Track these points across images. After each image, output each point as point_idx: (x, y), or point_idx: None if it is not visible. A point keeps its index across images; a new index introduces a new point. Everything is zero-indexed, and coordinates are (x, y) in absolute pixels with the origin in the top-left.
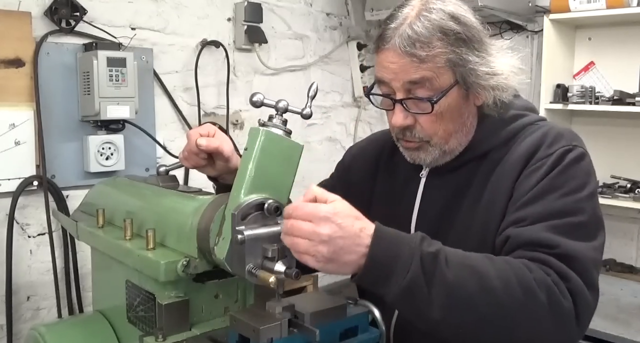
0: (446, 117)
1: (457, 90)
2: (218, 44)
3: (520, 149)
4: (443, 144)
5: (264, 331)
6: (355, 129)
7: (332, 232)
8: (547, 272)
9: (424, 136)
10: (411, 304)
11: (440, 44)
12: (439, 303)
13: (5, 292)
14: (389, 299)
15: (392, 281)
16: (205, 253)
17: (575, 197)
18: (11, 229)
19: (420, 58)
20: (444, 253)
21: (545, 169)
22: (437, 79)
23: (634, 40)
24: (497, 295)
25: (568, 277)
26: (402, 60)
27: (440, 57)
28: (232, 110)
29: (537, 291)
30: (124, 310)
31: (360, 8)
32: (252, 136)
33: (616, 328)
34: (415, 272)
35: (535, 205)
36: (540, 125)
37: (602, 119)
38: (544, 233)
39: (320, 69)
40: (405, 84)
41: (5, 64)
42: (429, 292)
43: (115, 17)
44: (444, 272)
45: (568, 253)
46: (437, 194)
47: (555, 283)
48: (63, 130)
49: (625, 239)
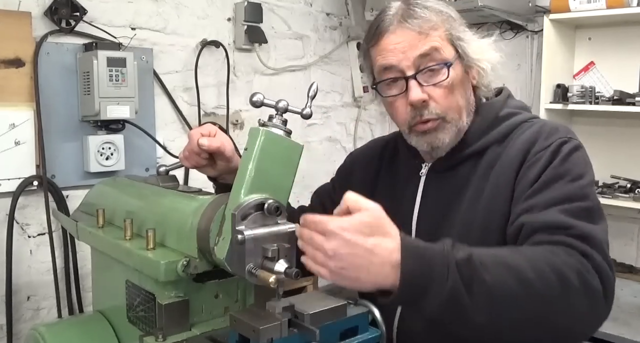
0: (456, 90)
1: (459, 65)
2: (218, 44)
3: (517, 144)
4: (457, 120)
5: (264, 331)
6: (355, 129)
7: (337, 247)
8: (570, 254)
9: (440, 112)
10: (453, 313)
11: (438, 18)
12: (482, 307)
13: (5, 292)
14: (429, 313)
15: (431, 295)
16: (205, 253)
17: (579, 183)
18: (11, 229)
19: (425, 30)
20: (477, 256)
21: (545, 160)
22: (443, 50)
23: (634, 40)
24: (535, 286)
25: (591, 256)
26: (408, 37)
27: (441, 29)
28: (232, 110)
29: (569, 275)
30: (124, 310)
31: (360, 8)
32: (252, 136)
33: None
34: (454, 281)
35: (543, 193)
36: (535, 122)
37: (602, 119)
38: (558, 216)
39: (320, 69)
40: (416, 59)
41: (5, 64)
42: (471, 298)
43: (115, 17)
44: (482, 276)
45: (584, 233)
46: (437, 192)
47: (580, 263)
48: (63, 130)
49: (625, 239)
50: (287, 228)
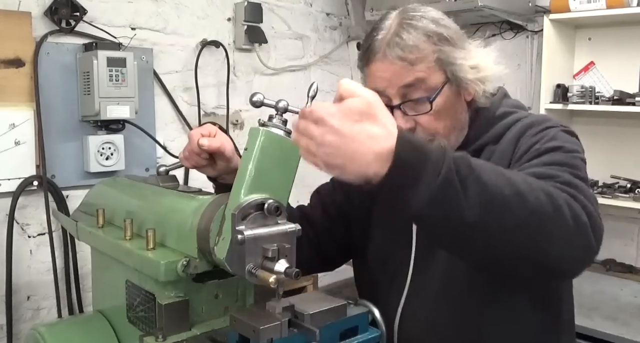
0: (443, 114)
1: (449, 88)
2: (218, 44)
3: (508, 138)
4: (444, 140)
5: (264, 331)
6: None
7: (323, 133)
8: (560, 189)
9: (427, 135)
10: (443, 206)
11: (427, 45)
12: (475, 203)
13: (5, 292)
14: (418, 202)
15: (423, 181)
16: (205, 253)
17: (572, 154)
18: (11, 229)
19: (411, 61)
20: (471, 158)
21: (536, 138)
22: (429, 79)
23: (634, 40)
24: (529, 200)
25: (577, 197)
26: (393, 67)
27: (429, 57)
28: (232, 110)
29: (559, 201)
30: (124, 310)
31: (360, 8)
32: (252, 136)
33: (616, 328)
34: (448, 170)
35: (534, 161)
36: (527, 119)
37: (602, 119)
38: (547, 170)
39: (320, 69)
40: (401, 89)
41: (5, 64)
42: (465, 192)
43: (115, 17)
44: (478, 172)
45: (572, 181)
46: None
47: (570, 197)
48: (63, 130)
49: (625, 239)
50: (287, 228)
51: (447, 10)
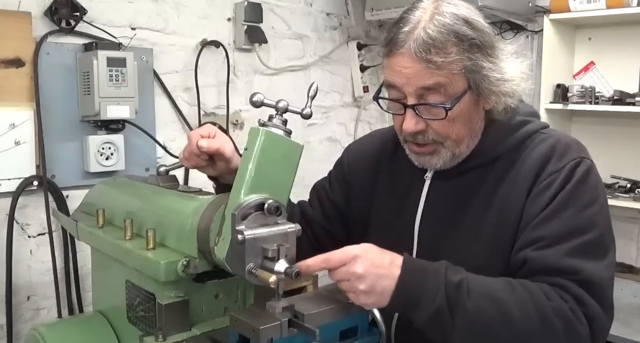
0: (458, 122)
1: (469, 96)
2: (218, 44)
3: (530, 161)
4: (454, 147)
5: (264, 331)
6: (355, 129)
7: (365, 267)
8: (565, 299)
9: (438, 138)
10: (437, 330)
11: (456, 49)
12: (461, 331)
13: (5, 292)
14: (417, 324)
15: (420, 308)
16: (205, 253)
17: (588, 212)
18: (11, 229)
19: (436, 64)
20: (466, 283)
21: (556, 185)
22: (451, 85)
23: (634, 40)
24: (515, 323)
25: (585, 303)
26: (417, 66)
27: (456, 63)
28: (232, 110)
29: (553, 320)
30: (124, 310)
31: (360, 8)
32: (252, 136)
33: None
34: (440, 301)
35: (550, 224)
36: (547, 134)
37: (602, 119)
38: (562, 259)
39: (320, 69)
40: (419, 90)
41: (5, 64)
42: (453, 320)
43: (115, 17)
44: (464, 302)
45: (586, 278)
46: (441, 198)
47: (572, 310)
48: (63, 130)
49: (625, 239)
50: (287, 228)
51: None
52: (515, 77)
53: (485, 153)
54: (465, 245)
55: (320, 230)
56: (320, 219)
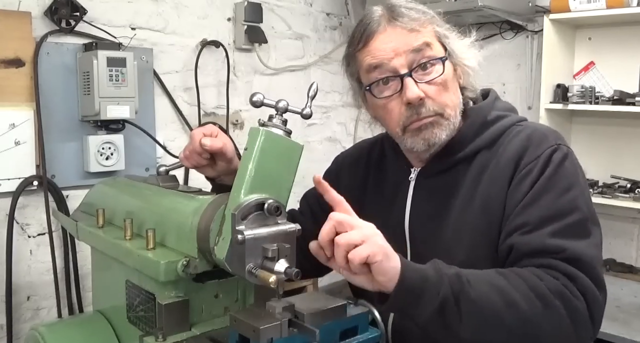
0: (450, 86)
1: (449, 63)
2: (218, 44)
3: (508, 152)
4: (453, 116)
5: (264, 331)
6: (355, 129)
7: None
8: (555, 276)
9: (438, 108)
10: (443, 324)
11: (425, 17)
12: (469, 321)
13: (5, 292)
14: (421, 320)
15: (424, 303)
16: (205, 253)
17: (568, 195)
18: (11, 229)
19: (414, 28)
20: (464, 274)
21: (535, 172)
22: (435, 46)
23: (634, 40)
24: (520, 307)
25: (576, 278)
26: (399, 35)
27: (429, 27)
28: (232, 110)
29: (552, 299)
30: (124, 310)
31: (360, 8)
32: (252, 136)
33: (616, 328)
34: (445, 292)
35: (532, 209)
36: (523, 126)
37: (602, 119)
38: (547, 240)
39: (320, 68)
40: (409, 55)
41: (5, 64)
42: (459, 311)
43: (115, 17)
44: (468, 291)
45: (573, 255)
46: (427, 197)
47: (565, 286)
48: (63, 130)
49: (625, 239)
50: (287, 228)
51: (447, 10)
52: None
53: (462, 148)
54: (453, 239)
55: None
56: (311, 226)
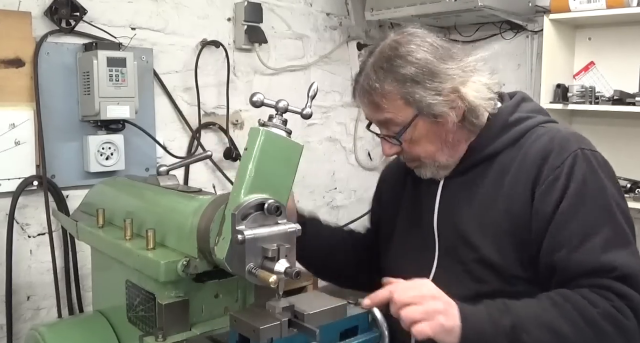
0: (422, 142)
1: (423, 120)
2: (218, 44)
3: (531, 154)
4: (432, 162)
5: (264, 331)
6: (355, 129)
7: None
8: (609, 298)
9: (412, 159)
10: None
11: (393, 88)
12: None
13: (5, 292)
14: None
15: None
16: (205, 253)
17: (603, 202)
18: (11, 229)
19: (377, 105)
20: (517, 321)
21: (562, 180)
22: (397, 118)
23: (634, 40)
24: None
25: (628, 296)
26: (367, 107)
27: (395, 99)
28: (232, 110)
29: (603, 325)
30: (124, 310)
31: (360, 8)
32: (252, 136)
33: None
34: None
35: (570, 225)
36: (547, 128)
37: (602, 119)
38: (596, 259)
39: (320, 69)
40: (378, 123)
41: (5, 64)
42: None
43: (115, 17)
44: (523, 338)
45: (623, 273)
46: (453, 195)
47: (617, 309)
48: (63, 130)
49: None
50: (287, 228)
51: (447, 10)
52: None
53: (481, 150)
54: (479, 236)
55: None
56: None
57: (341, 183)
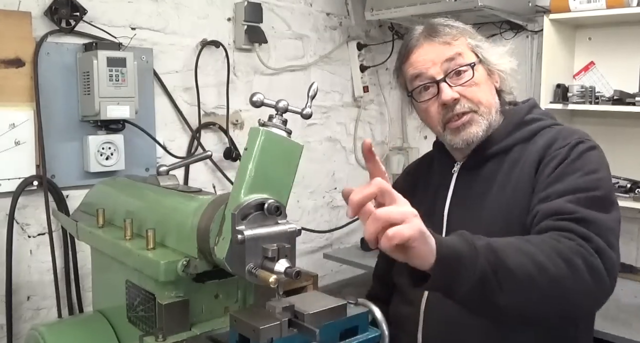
0: (482, 87)
1: (482, 67)
2: (218, 44)
3: (538, 144)
4: (488, 114)
5: (264, 331)
6: (355, 129)
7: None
8: (571, 238)
9: (472, 105)
10: (480, 296)
11: (457, 31)
12: (506, 289)
13: (5, 292)
14: (460, 295)
15: (462, 279)
16: (205, 253)
17: (591, 176)
18: (11, 229)
19: (447, 41)
20: (493, 243)
21: (561, 156)
22: (466, 54)
23: (634, 40)
24: (549, 269)
25: (590, 238)
26: (434, 48)
27: (461, 40)
28: (232, 110)
29: (573, 258)
30: (124, 310)
31: (360, 8)
32: (252, 136)
33: (616, 328)
34: (482, 264)
35: (557, 184)
36: (556, 129)
37: (602, 119)
38: (565, 204)
39: (320, 69)
40: (444, 64)
41: (5, 64)
42: (497, 280)
43: (115, 17)
44: (504, 260)
45: (586, 218)
46: (466, 186)
47: (581, 246)
48: (63, 130)
49: (625, 239)
50: (287, 228)
51: (447, 10)
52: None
53: (498, 143)
54: (489, 222)
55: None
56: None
57: (341, 184)
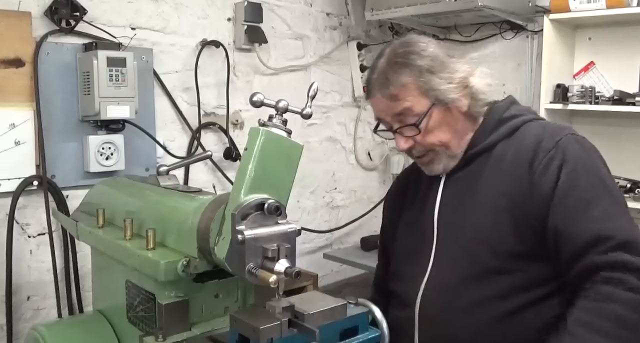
0: (436, 131)
1: (437, 109)
2: (218, 44)
3: (526, 140)
4: (446, 150)
5: (264, 331)
6: (355, 128)
7: None
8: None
9: (427, 147)
10: None
11: (410, 79)
12: None
13: (5, 292)
14: None
15: None
16: (205, 253)
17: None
18: (11, 229)
19: (395, 94)
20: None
21: (557, 161)
22: (415, 107)
23: (634, 40)
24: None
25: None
26: (385, 102)
27: (412, 89)
28: (232, 110)
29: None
30: (124, 310)
31: (360, 8)
32: (252, 136)
33: None
34: None
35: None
36: (538, 123)
37: (602, 119)
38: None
39: (320, 69)
40: (394, 117)
41: (5, 64)
42: None
43: (115, 17)
44: None
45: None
46: (454, 188)
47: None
48: (63, 130)
49: None
50: (287, 228)
51: (447, 10)
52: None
53: (480, 143)
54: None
55: None
56: None
57: (341, 184)
